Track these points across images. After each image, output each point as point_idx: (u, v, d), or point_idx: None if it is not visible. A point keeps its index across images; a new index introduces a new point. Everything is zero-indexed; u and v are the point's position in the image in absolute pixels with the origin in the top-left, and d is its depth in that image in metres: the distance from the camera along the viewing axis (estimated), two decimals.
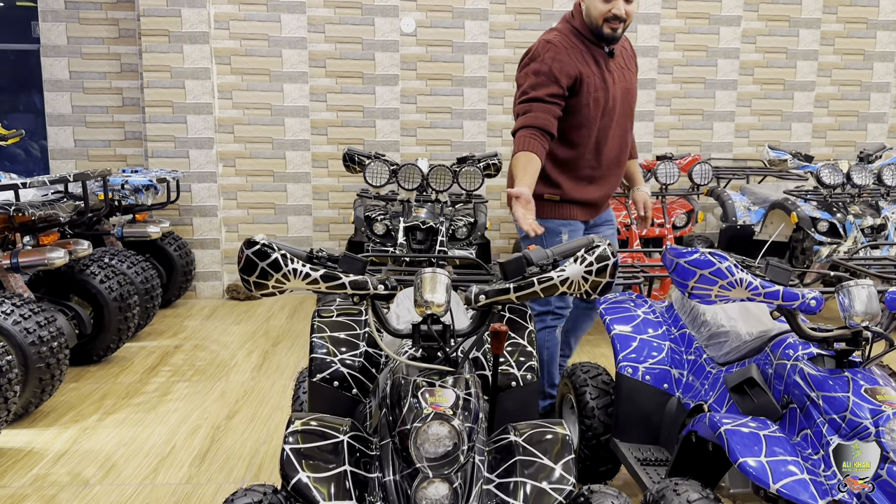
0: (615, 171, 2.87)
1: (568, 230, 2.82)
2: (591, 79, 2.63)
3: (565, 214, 2.81)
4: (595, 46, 2.66)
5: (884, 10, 6.26)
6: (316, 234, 5.94)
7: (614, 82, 2.70)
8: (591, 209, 2.89)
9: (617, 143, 2.80)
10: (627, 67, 2.78)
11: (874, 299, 1.73)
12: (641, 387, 2.42)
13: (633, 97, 2.82)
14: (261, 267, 1.62)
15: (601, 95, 2.65)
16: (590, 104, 2.64)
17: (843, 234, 4.64)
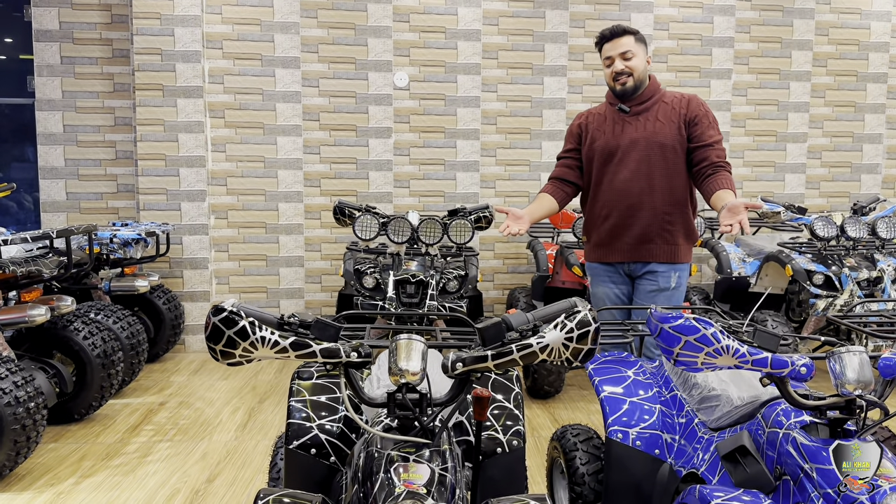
0: (629, 213, 2.98)
1: (591, 273, 3.16)
2: (594, 132, 3.05)
3: (590, 257, 3.16)
4: (612, 107, 3.05)
5: (872, 63, 6.34)
6: (308, 286, 5.89)
7: (622, 133, 2.99)
8: (614, 251, 3.03)
9: (623, 187, 2.97)
10: (657, 119, 2.98)
11: (867, 366, 1.67)
12: (632, 453, 2.33)
13: (651, 145, 2.96)
14: (227, 335, 1.56)
15: (598, 145, 3.02)
16: (588, 153, 3.07)
17: (839, 287, 4.58)
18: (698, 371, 1.73)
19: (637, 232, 2.97)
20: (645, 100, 2.98)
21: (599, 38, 3.00)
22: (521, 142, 5.99)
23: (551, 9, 5.91)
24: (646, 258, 3.00)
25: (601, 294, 3.11)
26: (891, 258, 4.67)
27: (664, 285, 3.01)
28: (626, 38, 2.93)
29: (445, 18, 5.81)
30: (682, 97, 3.01)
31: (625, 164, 2.97)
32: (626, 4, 5.99)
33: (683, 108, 2.97)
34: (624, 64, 2.91)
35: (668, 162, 2.95)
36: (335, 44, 5.72)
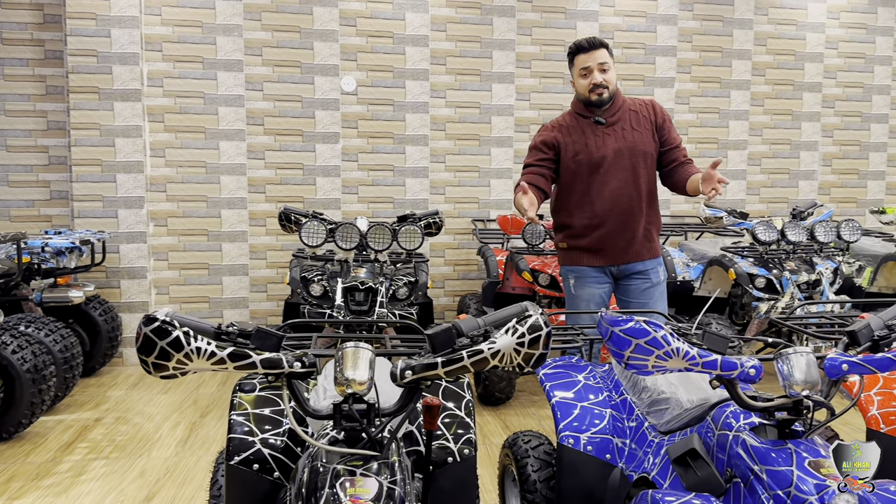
0: (622, 218, 3.08)
1: (574, 276, 3.18)
2: (573, 146, 3.09)
3: (573, 261, 3.18)
4: (585, 119, 3.10)
5: (808, 73, 6.55)
6: (252, 295, 5.73)
7: (604, 143, 3.06)
8: (603, 256, 3.12)
9: (615, 195, 3.07)
10: (633, 128, 3.08)
11: (813, 367, 1.68)
12: (583, 458, 2.30)
13: (635, 153, 3.08)
14: (160, 346, 1.46)
15: (582, 158, 3.08)
16: (571, 164, 3.10)
17: (780, 289, 4.69)
18: (649, 374, 1.71)
19: (629, 236, 3.11)
20: (616, 110, 3.09)
21: (575, 49, 3.04)
22: (471, 148, 5.98)
23: (498, 16, 5.93)
24: (634, 258, 3.15)
25: (587, 296, 3.16)
26: (829, 261, 4.81)
27: (655, 280, 3.19)
28: (602, 51, 3.02)
29: (393, 23, 5.76)
30: (644, 103, 3.15)
31: (613, 175, 3.07)
32: (572, 13, 6.05)
33: (651, 115, 3.12)
34: (602, 76, 3.00)
35: (649, 168, 3.13)
36: (280, 47, 5.61)
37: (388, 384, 2.08)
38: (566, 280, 3.25)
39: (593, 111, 3.09)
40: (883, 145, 6.79)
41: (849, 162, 6.76)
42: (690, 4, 6.26)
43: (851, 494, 1.54)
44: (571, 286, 3.21)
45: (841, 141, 6.71)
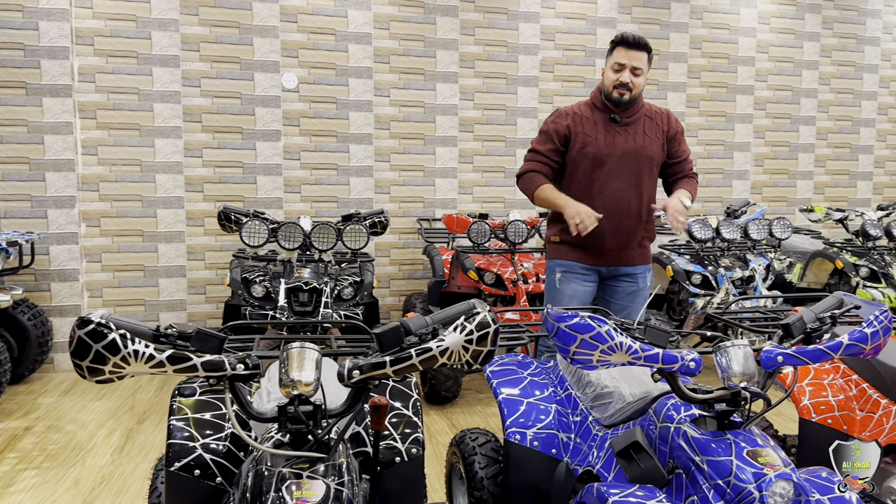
0: (620, 220, 3.09)
1: (561, 270, 3.17)
2: (582, 137, 3.09)
3: (563, 255, 3.17)
4: (601, 113, 3.12)
5: (741, 76, 6.77)
6: (191, 297, 5.58)
7: (614, 142, 3.08)
8: (595, 254, 3.13)
9: (615, 195, 3.08)
10: (644, 133, 3.12)
11: (750, 360, 1.73)
12: (530, 453, 2.32)
13: (641, 158, 3.11)
14: (95, 350, 1.41)
15: (590, 151, 3.08)
16: (577, 156, 3.10)
17: (716, 285, 4.84)
18: (594, 368, 1.74)
19: (623, 239, 3.12)
20: (633, 113, 3.12)
21: (620, 40, 3.04)
22: (416, 147, 5.97)
23: (441, 15, 5.93)
24: (626, 262, 3.17)
25: (570, 292, 3.16)
26: (761, 258, 4.99)
27: (642, 285, 3.23)
28: (643, 54, 3.04)
29: (335, 20, 5.70)
30: (661, 112, 3.20)
31: (617, 175, 3.08)
32: (514, 14, 6.10)
33: (665, 125, 3.17)
34: (631, 78, 3.02)
35: (653, 175, 3.15)
36: (218, 42, 5.47)
37: (333, 385, 2.05)
38: (551, 273, 3.23)
39: (610, 108, 3.10)
40: (811, 146, 7.08)
41: (779, 162, 7.03)
42: (629, 8, 6.40)
43: (787, 481, 1.60)
44: (556, 280, 3.20)
45: (772, 142, 6.97)
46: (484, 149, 6.12)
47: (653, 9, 6.47)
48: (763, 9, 6.79)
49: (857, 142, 7.23)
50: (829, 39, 7.01)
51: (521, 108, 6.17)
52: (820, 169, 7.17)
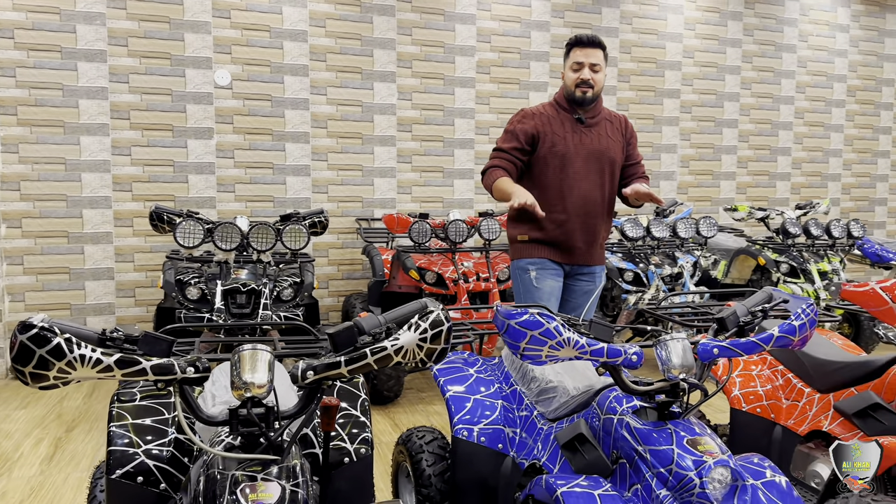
0: (587, 220, 3.17)
1: (535, 268, 3.20)
2: (551, 137, 3.14)
3: (534, 254, 3.20)
4: (566, 113, 3.17)
5: (668, 81, 7.02)
6: (119, 300, 5.39)
7: (580, 141, 3.15)
8: (564, 252, 3.19)
9: (584, 194, 3.15)
10: (608, 136, 3.20)
11: (689, 352, 1.81)
12: (477, 449, 2.36)
13: (604, 159, 3.19)
14: (39, 355, 1.36)
15: (559, 150, 3.14)
16: (547, 156, 3.15)
17: (647, 282, 5.02)
18: (543, 363, 1.78)
19: (590, 238, 3.20)
20: (596, 113, 3.19)
21: (575, 41, 3.11)
22: (354, 146, 5.93)
23: (378, 14, 5.92)
24: (589, 261, 3.26)
25: (548, 288, 3.20)
26: (689, 256, 5.19)
27: (598, 284, 3.33)
28: (599, 51, 3.10)
29: (269, 17, 5.61)
30: (619, 116, 3.29)
31: (584, 175, 3.14)
32: (451, 15, 6.15)
33: (623, 128, 3.27)
34: (591, 75, 3.08)
35: (614, 177, 3.24)
36: (147, 37, 5.31)
37: (282, 387, 2.04)
38: (524, 273, 3.23)
39: (575, 108, 3.16)
40: (733, 148, 7.40)
41: (704, 163, 7.32)
42: (562, 12, 6.54)
43: (725, 468, 1.68)
44: (532, 279, 3.22)
45: (697, 144, 7.25)
46: (422, 148, 6.14)
47: (585, 13, 6.63)
48: (689, 15, 7.05)
49: (776, 144, 7.60)
50: (750, 46, 7.35)
51: (458, 108, 6.22)
52: (742, 170, 7.50)
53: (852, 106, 7.94)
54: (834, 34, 7.73)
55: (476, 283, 4.37)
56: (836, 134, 7.89)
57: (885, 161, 8.20)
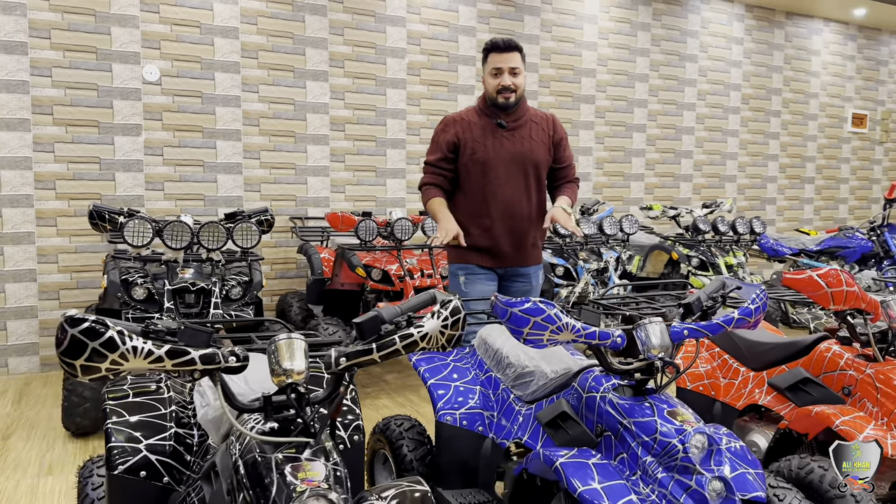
0: (513, 225, 3.19)
1: (464, 273, 3.25)
2: (472, 144, 3.16)
3: (463, 259, 3.24)
4: (488, 118, 3.17)
5: (584, 87, 7.40)
6: (42, 303, 5.16)
7: (502, 146, 3.16)
8: (493, 257, 3.22)
9: (508, 199, 3.17)
10: (531, 138, 3.19)
11: (666, 334, 2.03)
12: (459, 432, 2.51)
13: (527, 162, 3.19)
14: (92, 348, 1.40)
15: (479, 157, 3.15)
16: (468, 163, 3.17)
17: (576, 276, 5.32)
18: (542, 347, 1.96)
19: (518, 242, 3.22)
20: (519, 117, 3.18)
21: (491, 46, 3.09)
22: (286, 145, 5.92)
23: (310, 14, 5.94)
24: (521, 263, 3.28)
25: (477, 293, 3.20)
26: (612, 251, 5.54)
27: (535, 283, 3.36)
28: (515, 54, 3.08)
29: (200, 13, 5.52)
30: (546, 117, 3.28)
31: (506, 180, 3.16)
32: (382, 17, 6.25)
33: (551, 130, 3.26)
34: (512, 80, 3.07)
35: (540, 179, 3.25)
36: (71, 30, 5.10)
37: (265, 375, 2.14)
38: (455, 277, 3.28)
39: (497, 113, 3.15)
40: (642, 151, 7.90)
41: (616, 165, 7.77)
42: (487, 18, 6.77)
43: (702, 435, 1.92)
44: (461, 283, 3.26)
45: (610, 147, 7.69)
46: (355, 148, 6.21)
47: (508, 20, 6.90)
48: (603, 25, 7.47)
49: (680, 147, 8.17)
50: (657, 55, 7.86)
51: (390, 109, 6.33)
52: (650, 171, 8.01)
53: (746, 113, 8.65)
54: (730, 46, 8.39)
55: (421, 280, 4.51)
56: (732, 138, 8.57)
57: (775, 164, 8.97)
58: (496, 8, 6.81)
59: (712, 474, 1.86)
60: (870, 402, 2.45)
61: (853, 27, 9.43)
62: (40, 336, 5.15)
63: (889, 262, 6.27)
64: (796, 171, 9.20)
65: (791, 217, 9.19)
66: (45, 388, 4.75)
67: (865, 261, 6.43)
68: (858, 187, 9.85)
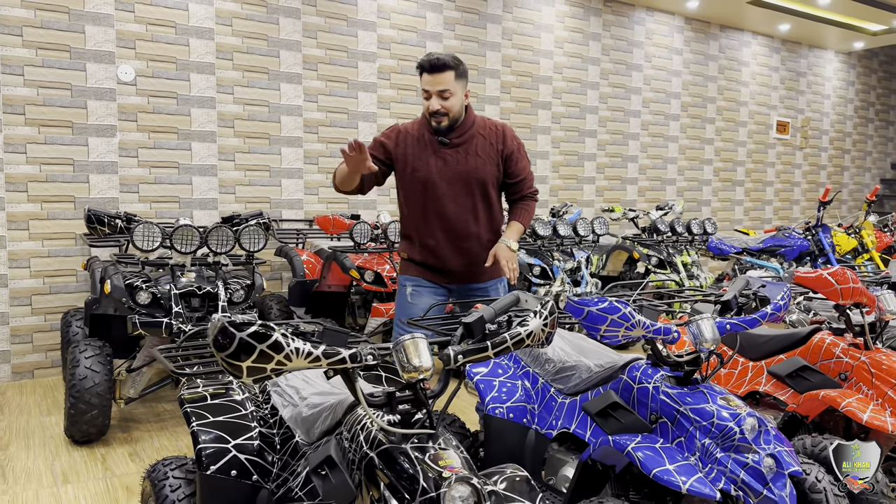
0: (460, 245, 3.07)
1: (411, 285, 3.15)
2: (412, 162, 3.03)
3: (410, 272, 3.17)
4: (431, 135, 3.03)
5: (542, 93, 7.69)
6: (14, 310, 4.98)
7: (445, 164, 3.01)
8: (441, 274, 3.12)
9: (453, 219, 3.04)
10: (476, 154, 3.02)
11: (715, 328, 2.27)
12: (507, 424, 2.68)
13: (472, 181, 3.03)
14: (259, 350, 1.50)
15: (420, 176, 3.02)
16: (409, 180, 3.05)
17: (552, 276, 5.58)
18: (618, 342, 2.15)
19: (466, 260, 3.10)
20: (463, 132, 3.01)
21: (419, 68, 2.94)
22: (261, 147, 5.91)
23: (284, 16, 5.95)
24: (474, 280, 3.16)
25: (424, 305, 3.09)
26: (582, 251, 5.83)
27: (495, 297, 3.13)
28: (446, 75, 2.87)
29: (175, 13, 5.45)
30: (497, 128, 3.09)
31: (450, 199, 3.02)
32: (354, 22, 6.32)
33: (500, 143, 3.06)
34: (440, 104, 2.90)
35: (489, 196, 3.09)
36: (44, 28, 4.94)
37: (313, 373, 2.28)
38: (402, 288, 3.18)
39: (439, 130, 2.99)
40: (593, 155, 8.27)
41: (570, 169, 8.10)
42: (453, 25, 6.95)
43: (753, 418, 2.16)
44: (408, 294, 3.15)
45: (565, 151, 8.02)
46: (328, 150, 6.26)
47: (472, 27, 7.10)
48: (558, 35, 7.78)
49: (627, 152, 8.59)
50: (606, 64, 8.25)
51: (362, 112, 6.41)
52: (600, 175, 8.39)
53: (685, 119, 9.17)
54: (671, 56, 8.88)
55: None
56: (672, 144, 9.07)
57: (710, 168, 9.55)
58: (461, 15, 7.00)
59: (765, 452, 2.10)
60: (865, 386, 2.77)
61: (777, 40, 10.15)
62: (12, 344, 4.97)
63: (823, 259, 6.85)
64: (728, 174, 9.82)
65: (724, 218, 9.80)
66: (22, 397, 4.60)
67: (801, 258, 6.99)
68: (782, 189, 10.60)
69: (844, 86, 11.27)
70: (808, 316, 3.62)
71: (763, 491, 2.05)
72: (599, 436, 2.45)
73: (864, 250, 7.21)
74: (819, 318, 3.25)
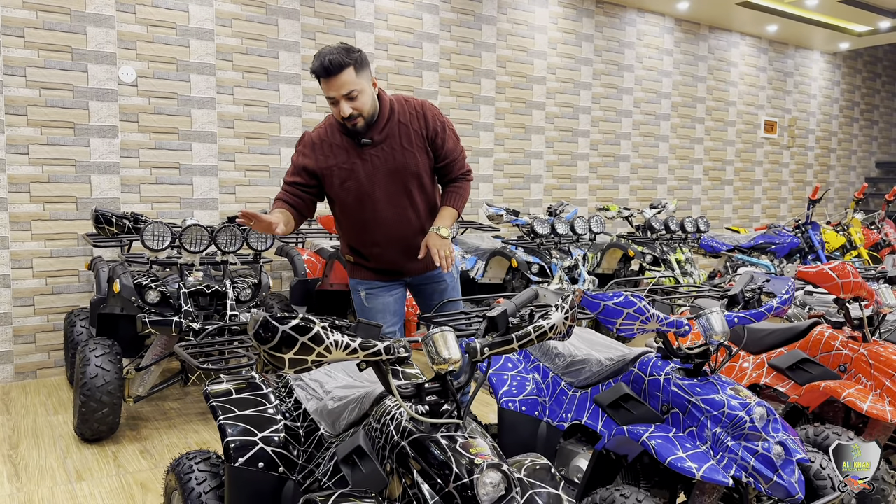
0: (405, 243, 2.97)
1: (364, 289, 3.05)
2: (338, 172, 2.82)
3: (360, 275, 3.05)
4: (349, 138, 2.80)
5: (536, 94, 7.78)
6: (17, 310, 4.99)
7: (373, 167, 2.83)
8: (391, 274, 3.03)
9: (392, 221, 2.91)
10: (402, 147, 2.85)
11: (725, 321, 2.35)
12: (520, 417, 2.75)
13: (406, 175, 2.89)
14: (301, 342, 1.56)
15: (351, 186, 2.83)
16: (340, 192, 2.86)
17: (550, 273, 5.66)
18: (632, 336, 2.23)
19: (413, 254, 2.98)
20: (383, 126, 2.81)
21: (313, 73, 2.70)
22: (261, 147, 5.95)
23: (283, 17, 5.99)
24: (428, 269, 3.06)
25: (380, 307, 3.03)
26: (579, 249, 5.92)
27: (450, 282, 3.13)
28: (345, 75, 2.62)
29: (176, 14, 5.48)
30: (417, 111, 2.88)
31: (386, 203, 2.88)
32: (351, 23, 6.37)
33: (422, 127, 2.87)
34: (351, 106, 2.66)
35: (425, 186, 2.95)
36: (46, 29, 4.96)
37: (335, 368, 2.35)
38: (356, 292, 3.08)
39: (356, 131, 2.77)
40: (586, 155, 8.37)
41: (564, 168, 8.19)
42: (449, 27, 7.02)
43: (762, 407, 2.24)
44: (363, 299, 3.05)
45: (559, 151, 8.11)
46: None
47: (468, 29, 7.17)
48: (552, 36, 7.87)
49: (619, 152, 8.70)
50: (599, 65, 8.35)
51: None
52: (593, 174, 8.49)
53: (675, 119, 9.30)
54: (662, 57, 9.00)
55: None
56: (663, 143, 9.19)
57: (700, 167, 9.69)
58: (457, 17, 7.07)
59: (774, 440, 2.19)
60: (864, 377, 2.87)
61: (765, 41, 10.31)
62: (14, 344, 4.98)
63: (813, 256, 6.99)
64: (717, 173, 9.96)
65: (713, 216, 9.94)
66: (26, 397, 4.61)
67: (791, 255, 7.12)
68: (770, 188, 10.76)
69: (830, 86, 11.46)
70: (804, 311, 3.73)
71: (773, 477, 2.13)
72: (611, 427, 2.53)
73: (852, 247, 7.36)
74: (815, 312, 3.34)
